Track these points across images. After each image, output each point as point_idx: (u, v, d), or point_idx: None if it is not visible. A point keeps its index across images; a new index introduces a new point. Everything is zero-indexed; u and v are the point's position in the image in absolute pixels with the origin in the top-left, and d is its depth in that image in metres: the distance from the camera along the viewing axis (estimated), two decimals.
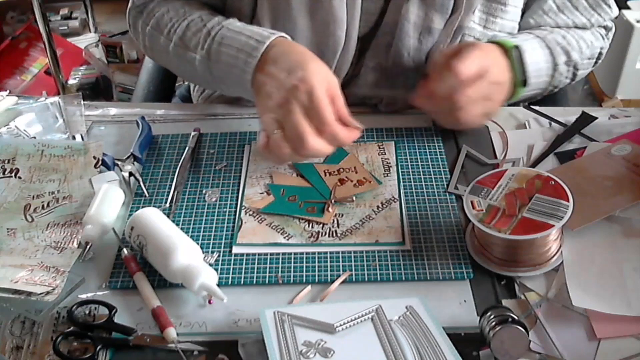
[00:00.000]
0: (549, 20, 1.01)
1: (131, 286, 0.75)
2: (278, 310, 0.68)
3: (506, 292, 0.73)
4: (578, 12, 1.01)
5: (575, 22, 1.02)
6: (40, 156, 0.90)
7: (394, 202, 0.84)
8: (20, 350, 0.69)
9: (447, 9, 0.92)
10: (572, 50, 0.99)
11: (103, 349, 0.68)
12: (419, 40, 0.94)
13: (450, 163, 0.90)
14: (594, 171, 0.83)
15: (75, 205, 0.84)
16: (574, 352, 0.67)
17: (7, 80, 2.51)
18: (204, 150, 0.93)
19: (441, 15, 0.93)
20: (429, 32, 0.93)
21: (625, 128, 0.94)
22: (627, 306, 0.69)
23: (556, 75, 0.99)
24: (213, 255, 0.78)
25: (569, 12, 1.01)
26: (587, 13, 1.02)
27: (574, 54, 0.99)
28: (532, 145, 0.93)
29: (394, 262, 0.76)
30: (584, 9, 1.01)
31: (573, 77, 1.03)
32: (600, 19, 1.03)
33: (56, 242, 0.80)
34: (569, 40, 1.00)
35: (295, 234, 0.80)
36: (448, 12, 0.93)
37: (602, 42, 1.06)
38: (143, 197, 0.86)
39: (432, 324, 0.67)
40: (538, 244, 0.73)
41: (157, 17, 0.98)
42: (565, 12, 1.01)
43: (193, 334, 0.70)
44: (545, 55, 0.96)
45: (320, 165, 0.89)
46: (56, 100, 1.03)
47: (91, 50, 2.60)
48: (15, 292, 0.71)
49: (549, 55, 0.97)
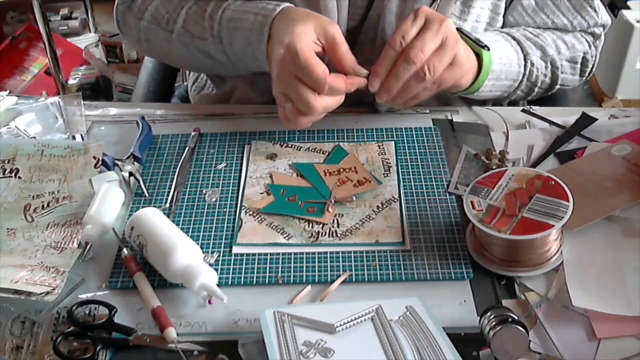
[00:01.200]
0: (527, 19, 1.00)
1: (131, 286, 0.75)
2: (278, 310, 0.68)
3: (506, 292, 0.73)
4: (559, 12, 1.00)
5: (556, 23, 1.01)
6: (40, 156, 0.90)
7: (394, 202, 0.84)
8: (20, 350, 0.69)
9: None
10: (546, 46, 0.98)
11: (103, 349, 0.68)
12: None
13: (450, 163, 0.90)
14: (594, 171, 0.83)
15: (75, 205, 0.84)
16: (574, 352, 0.67)
17: (7, 80, 2.51)
18: (204, 150, 0.93)
19: (420, 5, 0.90)
20: None
21: (625, 128, 0.94)
22: (627, 306, 0.69)
23: (532, 69, 0.97)
24: (213, 256, 0.78)
25: (550, 11, 1.00)
26: (569, 14, 1.01)
27: (549, 50, 0.98)
28: (532, 145, 0.93)
29: (394, 262, 0.76)
30: (567, 9, 1.00)
31: (554, 76, 1.01)
32: (584, 22, 1.01)
33: (56, 242, 0.80)
34: (543, 38, 0.99)
35: (295, 234, 0.80)
36: (428, 2, 0.92)
37: (587, 48, 1.04)
38: (143, 197, 0.86)
39: (432, 324, 0.67)
40: (538, 244, 0.73)
41: (150, 11, 0.97)
42: (546, 11, 1.00)
43: (193, 334, 0.70)
44: (513, 46, 0.95)
45: (320, 166, 0.89)
46: (56, 100, 1.03)
47: (91, 50, 2.61)
48: (15, 292, 0.71)
49: (516, 45, 0.96)
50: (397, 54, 0.83)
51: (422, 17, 0.83)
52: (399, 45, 0.83)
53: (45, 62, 2.42)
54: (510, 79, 0.96)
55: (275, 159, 0.91)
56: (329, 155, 0.91)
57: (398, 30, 0.84)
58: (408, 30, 0.83)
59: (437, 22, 0.82)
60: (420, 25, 0.83)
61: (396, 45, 0.83)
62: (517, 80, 0.97)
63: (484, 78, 0.91)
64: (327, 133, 0.95)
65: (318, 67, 0.79)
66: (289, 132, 0.95)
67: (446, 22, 0.83)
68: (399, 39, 0.83)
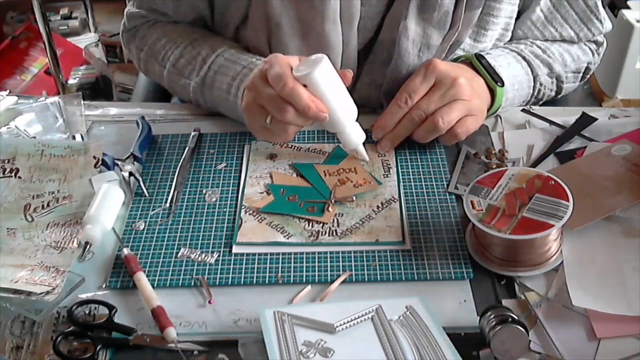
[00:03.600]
0: (536, 32, 1.01)
1: (131, 286, 0.74)
2: (278, 310, 0.68)
3: (506, 292, 0.73)
4: (567, 25, 1.00)
5: (563, 35, 1.01)
6: (40, 156, 0.90)
7: (394, 202, 0.84)
8: (20, 350, 0.69)
9: (445, 25, 0.92)
10: (554, 62, 0.99)
11: (103, 349, 0.68)
12: (419, 57, 0.93)
13: (450, 163, 0.90)
14: (594, 171, 0.83)
15: (75, 205, 0.84)
16: (574, 352, 0.67)
17: (7, 80, 2.51)
18: (204, 150, 0.93)
19: (439, 32, 0.92)
20: (428, 48, 0.93)
21: (625, 128, 0.94)
22: (627, 306, 0.69)
23: (540, 88, 0.99)
24: (213, 255, 0.78)
25: (558, 24, 1.00)
26: (576, 27, 1.01)
27: (556, 66, 0.99)
28: (532, 145, 0.93)
29: (394, 262, 0.76)
30: (574, 22, 1.00)
31: (558, 89, 1.03)
32: (589, 33, 1.02)
33: (56, 242, 0.80)
34: (551, 53, 0.99)
35: (295, 233, 0.80)
36: (446, 28, 0.92)
37: (591, 58, 1.05)
38: (143, 197, 0.86)
39: (432, 324, 0.67)
40: (538, 244, 0.73)
41: (150, 44, 1.03)
42: (554, 24, 1.00)
43: (193, 334, 0.70)
44: (524, 68, 0.97)
45: (321, 166, 0.89)
46: (56, 100, 1.03)
47: (91, 50, 2.60)
48: (15, 292, 0.72)
49: (527, 67, 0.97)
50: (402, 111, 0.86)
51: (432, 76, 0.86)
52: (404, 103, 0.86)
53: (45, 62, 2.42)
54: (520, 100, 0.98)
55: (275, 159, 0.91)
56: (329, 156, 0.91)
57: (406, 87, 0.87)
58: (416, 89, 0.86)
59: (448, 82, 0.85)
60: (430, 84, 0.86)
61: (401, 102, 0.86)
62: (525, 100, 1.00)
63: (496, 111, 0.94)
64: (327, 134, 0.95)
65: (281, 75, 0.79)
66: None
67: (458, 81, 0.85)
68: (405, 96, 0.86)
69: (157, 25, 1.04)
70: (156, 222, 0.82)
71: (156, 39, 1.02)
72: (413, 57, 0.93)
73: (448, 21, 0.91)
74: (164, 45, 1.00)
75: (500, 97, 0.92)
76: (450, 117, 0.85)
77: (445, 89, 0.85)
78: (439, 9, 0.90)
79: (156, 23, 1.05)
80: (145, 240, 0.80)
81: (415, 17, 0.91)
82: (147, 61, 1.04)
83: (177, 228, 0.81)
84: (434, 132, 0.86)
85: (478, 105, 0.88)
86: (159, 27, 1.03)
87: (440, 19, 0.91)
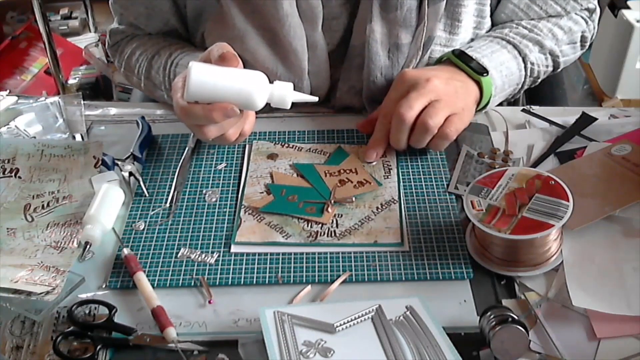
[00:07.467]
0: (520, 13, 1.00)
1: (131, 286, 0.75)
2: (278, 310, 0.68)
3: (506, 292, 0.73)
4: (551, 0, 0.99)
5: (549, 12, 1.00)
6: (40, 156, 0.90)
7: (393, 203, 0.84)
8: (20, 350, 0.69)
9: (411, 22, 0.91)
10: (543, 39, 0.98)
11: (103, 349, 0.68)
12: (389, 58, 0.93)
13: (450, 163, 0.90)
14: (594, 171, 0.83)
15: (75, 205, 0.84)
16: (574, 352, 0.67)
17: (7, 80, 2.51)
18: (204, 150, 0.93)
19: (406, 30, 0.91)
20: (397, 48, 0.92)
21: (625, 128, 0.94)
22: (627, 306, 0.69)
23: (533, 67, 0.97)
24: (213, 256, 0.78)
25: (542, 1, 0.99)
26: (561, 1, 0.99)
27: (547, 42, 0.98)
28: (532, 145, 0.93)
29: (393, 262, 0.76)
30: None
31: (555, 64, 1.01)
32: (577, 5, 1.01)
33: (56, 242, 0.80)
34: (538, 30, 0.98)
35: (294, 233, 0.80)
36: (413, 25, 0.91)
37: (584, 26, 1.03)
38: (143, 197, 0.86)
39: (432, 324, 0.67)
40: (538, 244, 0.74)
41: (126, 59, 1.04)
42: (538, 2, 0.99)
43: (193, 333, 0.70)
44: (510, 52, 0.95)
45: (321, 167, 0.89)
46: (56, 100, 1.03)
47: (91, 50, 2.60)
48: (15, 292, 0.72)
49: (513, 50, 0.96)
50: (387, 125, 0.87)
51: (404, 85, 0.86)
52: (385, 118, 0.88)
53: (45, 62, 2.42)
54: (513, 85, 0.97)
55: (275, 159, 0.91)
56: (330, 157, 0.91)
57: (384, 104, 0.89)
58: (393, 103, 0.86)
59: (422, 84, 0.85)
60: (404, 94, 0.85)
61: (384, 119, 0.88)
62: (519, 83, 0.98)
63: (487, 101, 0.92)
64: (329, 134, 0.95)
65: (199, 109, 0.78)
66: (289, 133, 0.95)
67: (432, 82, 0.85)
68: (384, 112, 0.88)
69: (135, 39, 1.05)
70: (156, 222, 0.82)
71: (131, 53, 1.03)
72: (384, 59, 0.93)
73: (413, 18, 0.91)
74: (137, 59, 1.02)
75: (489, 87, 0.91)
76: (437, 116, 0.84)
77: (420, 89, 0.84)
78: (400, 7, 0.90)
79: (134, 37, 1.06)
80: (145, 240, 0.80)
81: (380, 19, 0.90)
82: (127, 76, 1.06)
83: (177, 228, 0.81)
84: (426, 133, 0.85)
85: (460, 102, 0.87)
86: (135, 41, 1.05)
87: (405, 17, 0.90)
